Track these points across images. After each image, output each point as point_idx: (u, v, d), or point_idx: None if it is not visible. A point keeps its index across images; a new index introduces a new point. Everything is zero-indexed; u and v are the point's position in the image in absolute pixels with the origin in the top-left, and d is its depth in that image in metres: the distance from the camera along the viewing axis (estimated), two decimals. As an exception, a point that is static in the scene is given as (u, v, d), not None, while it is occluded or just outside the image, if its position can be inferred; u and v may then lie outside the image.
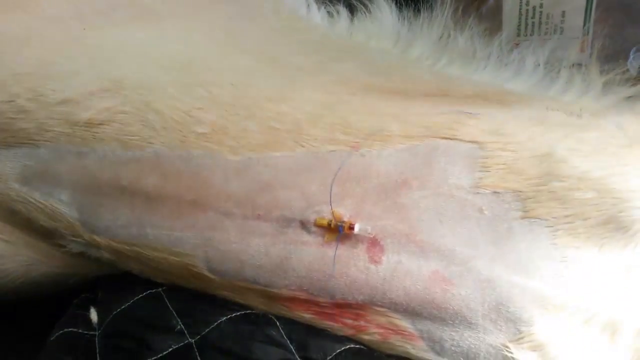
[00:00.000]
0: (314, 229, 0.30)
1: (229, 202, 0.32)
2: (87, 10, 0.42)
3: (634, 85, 0.38)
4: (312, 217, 0.30)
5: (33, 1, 0.41)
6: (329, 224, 0.30)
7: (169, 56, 0.38)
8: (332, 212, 0.30)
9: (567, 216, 0.28)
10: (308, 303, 0.31)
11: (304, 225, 0.30)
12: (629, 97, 0.38)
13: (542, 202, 0.28)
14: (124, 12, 0.42)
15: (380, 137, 0.32)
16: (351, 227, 0.29)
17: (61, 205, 0.35)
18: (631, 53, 0.57)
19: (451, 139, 0.32)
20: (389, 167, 0.31)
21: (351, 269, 0.30)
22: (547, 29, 0.59)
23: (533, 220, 0.28)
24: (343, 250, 0.30)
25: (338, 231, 0.29)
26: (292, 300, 0.31)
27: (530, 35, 0.59)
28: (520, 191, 0.29)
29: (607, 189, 0.27)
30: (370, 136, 0.32)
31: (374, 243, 0.30)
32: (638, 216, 0.26)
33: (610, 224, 0.27)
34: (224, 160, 0.32)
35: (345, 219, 0.30)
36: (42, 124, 0.36)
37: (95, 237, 0.34)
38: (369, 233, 0.29)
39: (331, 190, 0.30)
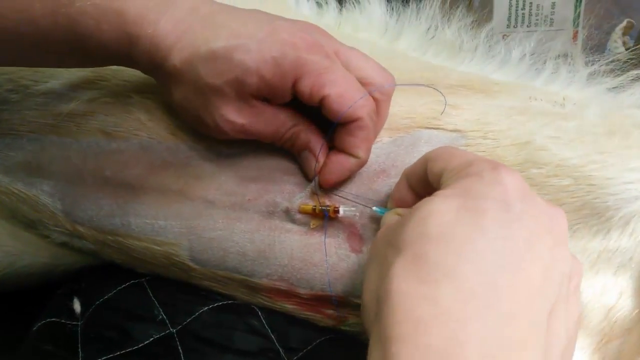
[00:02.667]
0: (298, 216, 0.30)
1: (218, 191, 0.32)
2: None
3: (617, 76, 0.38)
4: (296, 205, 0.30)
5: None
6: (314, 209, 0.30)
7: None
8: (317, 197, 0.30)
9: (544, 203, 0.28)
10: (289, 294, 0.31)
11: (288, 213, 0.30)
12: (613, 87, 0.38)
13: (520, 190, 0.28)
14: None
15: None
16: (336, 211, 0.29)
17: (44, 195, 0.35)
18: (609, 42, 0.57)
19: (435, 128, 0.32)
20: (371, 159, 0.31)
21: (332, 257, 0.30)
22: (537, 20, 0.59)
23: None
24: (323, 240, 0.30)
25: (324, 216, 0.29)
26: (273, 291, 0.31)
27: (520, 26, 0.59)
28: (500, 179, 0.29)
29: (583, 176, 0.27)
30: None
31: (353, 232, 0.30)
32: (612, 203, 0.27)
33: (584, 210, 0.27)
34: (215, 153, 0.32)
35: (329, 203, 0.30)
36: (24, 115, 0.36)
37: (78, 227, 0.34)
38: (355, 215, 0.29)
39: (315, 178, 0.30)
